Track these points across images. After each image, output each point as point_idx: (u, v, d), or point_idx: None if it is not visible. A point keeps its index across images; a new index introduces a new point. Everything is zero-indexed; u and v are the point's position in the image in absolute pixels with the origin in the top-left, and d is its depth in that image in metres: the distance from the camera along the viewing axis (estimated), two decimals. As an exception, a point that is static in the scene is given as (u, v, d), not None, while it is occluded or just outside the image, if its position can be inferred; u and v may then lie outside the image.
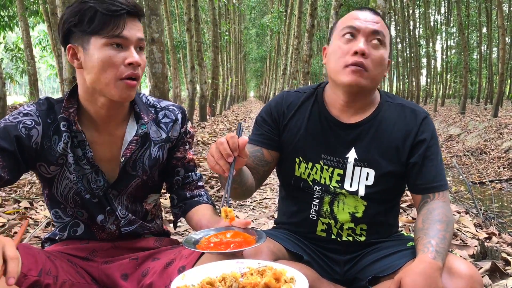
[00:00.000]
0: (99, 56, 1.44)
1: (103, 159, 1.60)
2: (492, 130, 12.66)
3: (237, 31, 32.78)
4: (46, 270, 1.45)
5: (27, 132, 1.50)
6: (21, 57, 16.05)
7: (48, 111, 1.55)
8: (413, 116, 1.71)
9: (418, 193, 1.68)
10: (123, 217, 1.65)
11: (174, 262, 1.56)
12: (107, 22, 1.43)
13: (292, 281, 1.18)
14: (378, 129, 1.70)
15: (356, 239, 1.74)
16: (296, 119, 1.77)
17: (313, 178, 1.74)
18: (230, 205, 1.44)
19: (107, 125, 1.59)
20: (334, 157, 1.72)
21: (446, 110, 24.13)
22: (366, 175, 1.69)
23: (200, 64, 13.30)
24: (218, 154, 1.41)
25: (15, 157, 1.48)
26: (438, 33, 35.83)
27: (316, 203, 1.74)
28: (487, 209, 4.91)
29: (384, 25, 1.68)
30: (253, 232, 1.43)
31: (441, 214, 1.57)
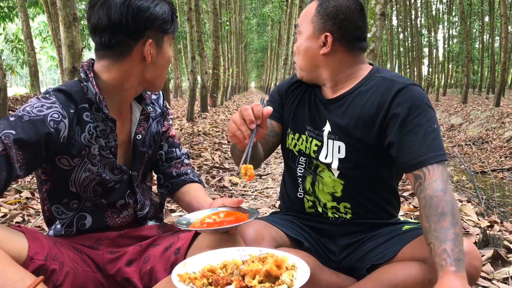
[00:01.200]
0: (169, 54, 1.58)
1: (121, 144, 1.62)
2: (494, 119, 12.62)
3: (238, 21, 32.62)
4: (53, 255, 1.45)
5: (56, 126, 1.42)
6: (21, 48, 16.00)
7: (69, 101, 1.49)
8: (388, 88, 1.62)
9: (407, 172, 1.53)
10: (140, 200, 1.69)
11: (172, 246, 1.57)
12: (175, 23, 1.56)
13: (293, 268, 1.18)
14: (352, 103, 1.70)
15: (342, 216, 1.75)
16: (294, 94, 1.89)
17: (298, 149, 1.82)
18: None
19: (124, 112, 1.63)
20: (314, 129, 1.78)
21: (447, 99, 24.06)
22: (338, 148, 1.70)
23: (200, 55, 13.25)
24: (241, 120, 1.45)
25: (38, 154, 1.40)
26: (440, 22, 35.65)
27: (300, 181, 1.81)
28: (489, 198, 4.91)
29: (305, 12, 1.77)
30: (245, 211, 1.46)
31: (440, 203, 1.39)
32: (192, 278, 1.14)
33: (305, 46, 1.76)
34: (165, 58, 1.56)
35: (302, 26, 1.76)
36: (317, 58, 1.74)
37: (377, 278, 1.51)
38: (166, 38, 1.53)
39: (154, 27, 1.48)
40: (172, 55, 1.69)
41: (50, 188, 1.60)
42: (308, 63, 1.78)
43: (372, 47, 4.96)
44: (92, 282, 1.56)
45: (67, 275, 1.47)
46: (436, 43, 33.96)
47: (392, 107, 1.58)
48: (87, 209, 1.63)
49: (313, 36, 1.72)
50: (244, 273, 1.14)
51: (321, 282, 1.62)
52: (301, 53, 1.77)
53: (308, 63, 1.78)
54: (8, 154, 1.33)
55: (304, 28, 1.75)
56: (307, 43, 1.75)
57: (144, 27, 1.46)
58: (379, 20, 4.93)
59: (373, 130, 1.63)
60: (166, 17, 1.50)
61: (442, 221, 1.36)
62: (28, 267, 1.34)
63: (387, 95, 1.60)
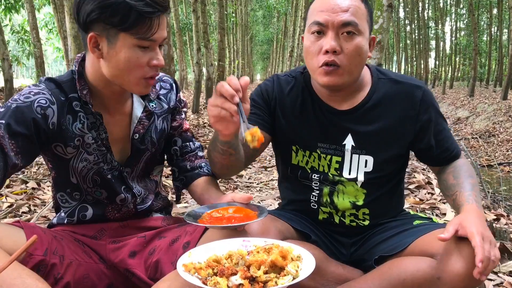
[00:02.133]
0: (127, 55, 1.40)
1: (116, 139, 1.59)
2: (501, 112, 12.54)
3: (244, 13, 32.51)
4: (52, 249, 1.45)
5: (43, 112, 1.43)
6: (27, 39, 16.00)
7: (58, 90, 1.50)
8: (410, 94, 1.64)
9: (441, 166, 1.72)
10: (139, 194, 1.66)
11: (180, 239, 1.57)
12: (141, 23, 1.37)
13: (299, 259, 1.18)
14: (374, 113, 1.64)
15: (360, 223, 1.73)
16: (288, 104, 1.71)
17: (311, 166, 1.70)
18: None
19: (116, 105, 1.58)
20: (331, 145, 1.67)
21: (454, 92, 23.93)
22: (365, 162, 1.65)
23: (206, 46, 13.21)
24: (221, 99, 1.31)
25: (30, 141, 1.42)
26: (448, 14, 35.36)
27: (316, 193, 1.72)
28: (495, 192, 4.89)
29: (356, 8, 1.53)
30: (255, 208, 1.44)
31: (469, 170, 1.63)
32: (197, 268, 1.14)
33: (366, 49, 1.57)
34: (119, 58, 1.41)
35: (361, 25, 1.54)
36: (365, 62, 1.62)
37: (386, 271, 1.49)
38: (122, 37, 1.38)
39: (99, 20, 1.38)
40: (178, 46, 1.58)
41: (55, 176, 1.62)
42: (361, 67, 1.61)
43: (379, 39, 4.93)
44: (95, 274, 1.56)
45: (68, 268, 1.47)
46: (443, 35, 33.76)
47: (421, 114, 1.64)
48: (89, 201, 1.63)
49: (367, 38, 1.58)
50: (249, 263, 1.14)
51: (328, 274, 1.60)
52: (359, 56, 1.54)
53: (361, 68, 1.61)
54: (1, 143, 1.35)
55: (364, 28, 1.55)
56: (366, 45, 1.58)
57: (86, 19, 1.40)
58: (386, 11, 4.90)
59: (404, 139, 1.66)
60: (108, 12, 1.35)
61: (469, 179, 1.58)
62: (28, 263, 1.35)
63: (413, 104, 1.64)
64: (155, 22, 1.38)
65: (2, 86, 10.53)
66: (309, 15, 1.60)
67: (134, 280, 1.59)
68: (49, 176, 3.77)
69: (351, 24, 1.51)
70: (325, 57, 1.52)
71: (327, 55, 1.52)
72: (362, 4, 1.56)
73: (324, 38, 1.53)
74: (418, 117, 1.63)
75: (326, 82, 1.54)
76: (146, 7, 1.35)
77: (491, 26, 27.43)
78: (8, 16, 14.29)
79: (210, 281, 1.08)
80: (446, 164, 1.70)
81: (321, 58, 1.53)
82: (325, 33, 1.53)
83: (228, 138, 1.43)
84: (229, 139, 1.44)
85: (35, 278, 1.24)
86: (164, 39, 1.47)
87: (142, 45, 1.40)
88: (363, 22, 1.55)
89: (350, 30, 1.51)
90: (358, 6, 1.54)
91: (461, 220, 1.36)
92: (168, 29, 5.51)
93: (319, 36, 1.54)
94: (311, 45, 1.56)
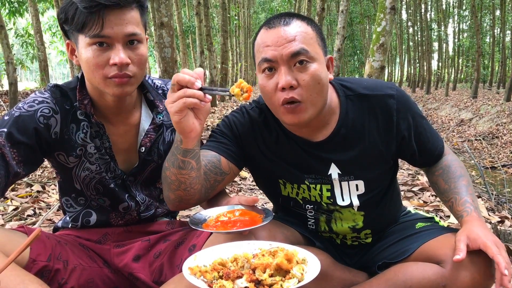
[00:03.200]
0: (86, 55, 1.36)
1: (120, 148, 1.58)
2: (505, 114, 12.50)
3: (246, 16, 32.54)
4: (56, 255, 1.45)
5: (46, 121, 1.43)
6: (31, 43, 16.08)
7: (64, 98, 1.49)
8: (383, 106, 1.53)
9: (426, 167, 1.71)
10: (142, 202, 1.65)
11: (185, 242, 1.57)
12: (86, 20, 1.31)
13: (304, 262, 1.18)
14: (351, 137, 1.55)
15: (362, 242, 1.72)
16: (263, 141, 1.61)
17: (302, 197, 1.64)
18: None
19: (118, 115, 1.55)
20: (317, 175, 1.58)
21: (457, 94, 23.87)
22: (356, 186, 1.59)
23: (209, 49, 13.24)
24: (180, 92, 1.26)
25: (32, 150, 1.42)
26: (450, 16, 35.31)
27: (312, 222, 1.68)
28: (499, 194, 4.87)
29: (303, 34, 1.41)
30: (260, 211, 1.44)
31: (458, 168, 1.61)
32: (203, 271, 1.14)
33: (325, 74, 1.45)
34: (82, 60, 1.38)
35: (312, 50, 1.41)
36: (327, 87, 1.48)
37: (392, 277, 1.48)
38: (80, 38, 1.36)
39: (65, 26, 1.38)
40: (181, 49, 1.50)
41: (61, 181, 1.63)
42: (324, 95, 1.47)
43: (382, 41, 4.93)
44: (100, 278, 1.56)
45: (73, 273, 1.48)
46: (446, 37, 33.70)
47: (399, 122, 1.54)
48: (93, 207, 1.63)
49: (323, 61, 1.46)
50: (254, 266, 1.14)
51: (334, 279, 1.59)
52: (319, 84, 1.41)
53: (324, 96, 1.47)
54: (2, 152, 1.35)
55: (316, 53, 1.43)
56: (324, 69, 1.45)
57: (60, 24, 1.41)
58: (389, 14, 4.90)
59: (388, 153, 1.58)
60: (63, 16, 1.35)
61: (461, 181, 1.56)
62: (31, 269, 1.35)
63: (388, 115, 1.53)
64: (104, 17, 1.32)
65: (6, 89, 10.58)
66: (255, 52, 1.49)
67: (139, 284, 1.60)
68: (54, 179, 3.79)
69: (301, 53, 1.39)
70: (283, 94, 1.40)
71: (284, 92, 1.40)
72: (308, 27, 1.44)
73: (277, 74, 1.41)
74: (398, 127, 1.54)
75: (291, 121, 1.44)
76: (87, 2, 1.30)
77: (494, 28, 27.33)
78: (12, 20, 14.36)
79: (216, 284, 1.08)
80: (431, 165, 1.67)
81: (280, 96, 1.40)
82: (277, 69, 1.41)
83: (192, 144, 1.36)
84: (192, 145, 1.37)
85: (38, 284, 1.24)
86: (130, 35, 1.37)
87: (94, 42, 1.34)
88: (315, 47, 1.43)
89: (302, 59, 1.39)
90: (304, 31, 1.42)
91: (468, 234, 1.35)
92: (171, 32, 5.53)
93: (271, 73, 1.42)
94: (266, 84, 1.44)
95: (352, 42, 26.17)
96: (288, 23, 1.42)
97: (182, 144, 1.36)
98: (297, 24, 1.42)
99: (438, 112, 18.32)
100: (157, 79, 1.70)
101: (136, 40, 1.39)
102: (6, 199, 3.29)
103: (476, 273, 1.33)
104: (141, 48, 1.41)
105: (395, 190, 1.75)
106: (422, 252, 1.50)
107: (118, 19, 1.34)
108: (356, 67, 27.05)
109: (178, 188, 1.43)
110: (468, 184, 1.56)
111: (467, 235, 1.34)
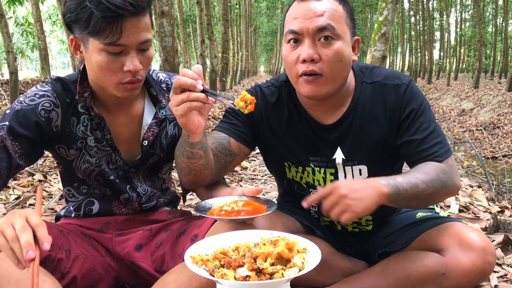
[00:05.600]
0: (97, 59, 1.36)
1: (122, 139, 1.59)
2: (506, 104, 12.47)
3: (247, 4, 32.34)
4: (58, 244, 1.46)
5: (47, 115, 1.45)
6: (31, 31, 16.01)
7: (65, 91, 1.51)
8: (393, 94, 1.54)
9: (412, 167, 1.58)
10: (144, 193, 1.66)
11: (186, 231, 1.58)
12: (102, 28, 1.30)
13: (305, 251, 1.19)
14: (359, 123, 1.56)
15: (363, 229, 1.73)
16: (275, 119, 1.64)
17: (306, 181, 1.66)
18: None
19: (120, 106, 1.57)
20: (322, 158, 1.61)
21: (459, 84, 23.78)
22: (359, 171, 1.60)
23: (210, 38, 13.18)
24: (184, 94, 1.29)
25: (34, 143, 1.44)
26: (453, 5, 35.09)
27: (314, 205, 1.68)
28: (500, 184, 4.88)
29: (332, 11, 1.44)
30: (264, 202, 1.45)
31: (433, 169, 1.43)
32: (204, 260, 1.15)
33: (348, 53, 1.48)
34: (91, 62, 1.39)
35: (339, 28, 1.44)
36: (349, 67, 1.52)
37: (391, 266, 1.50)
38: (91, 41, 1.35)
39: (73, 24, 1.37)
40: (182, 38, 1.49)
41: (62, 171, 1.64)
42: (345, 73, 1.51)
43: (384, 31, 4.91)
44: (102, 267, 1.58)
45: (75, 262, 1.49)
46: (448, 26, 33.52)
47: (402, 109, 1.54)
48: (96, 196, 1.65)
49: (349, 41, 1.49)
50: (256, 255, 1.15)
51: (334, 268, 1.61)
52: (341, 61, 1.45)
53: (345, 74, 1.51)
54: (5, 145, 1.38)
55: (343, 31, 1.46)
56: (349, 49, 1.49)
57: (67, 21, 1.39)
58: (391, 3, 4.87)
59: (393, 142, 1.57)
60: (73, 16, 1.33)
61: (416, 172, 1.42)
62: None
63: (396, 102, 1.53)
64: (119, 26, 1.31)
65: (7, 78, 10.56)
66: (285, 24, 1.52)
67: (141, 273, 1.61)
68: (56, 168, 3.80)
69: (327, 29, 1.42)
70: (303, 66, 1.44)
71: (305, 64, 1.43)
72: (340, 6, 1.47)
73: (301, 46, 1.45)
74: (401, 111, 1.54)
75: (309, 93, 1.46)
76: (105, 11, 1.27)
77: (497, 17, 27.15)
78: (12, 9, 14.28)
79: (218, 273, 1.09)
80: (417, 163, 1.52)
81: (300, 68, 1.45)
82: (302, 41, 1.45)
83: (198, 138, 1.40)
84: (199, 138, 1.40)
85: (43, 273, 1.26)
86: (144, 43, 1.38)
87: (111, 50, 1.34)
88: (342, 25, 1.46)
89: (327, 35, 1.42)
90: (334, 9, 1.45)
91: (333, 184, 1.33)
92: (172, 21, 5.50)
93: (295, 45, 1.46)
94: (289, 55, 1.48)
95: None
96: None
97: (190, 138, 1.40)
98: (329, 1, 1.46)
99: (439, 102, 18.29)
100: (161, 72, 1.70)
101: (148, 45, 1.41)
102: (8, 188, 3.31)
103: (476, 260, 1.34)
104: (150, 50, 1.44)
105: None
106: (422, 241, 1.52)
107: (134, 27, 1.34)
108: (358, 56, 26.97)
109: (189, 174, 1.51)
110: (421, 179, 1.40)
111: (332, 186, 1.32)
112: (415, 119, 1.53)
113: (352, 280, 1.55)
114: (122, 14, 1.29)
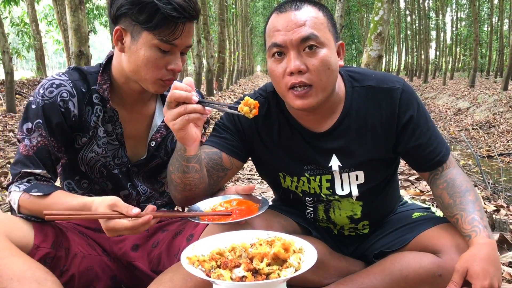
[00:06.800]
0: (146, 53, 1.43)
1: (130, 136, 1.63)
2: (502, 103, 12.52)
3: (244, 4, 32.34)
4: (59, 242, 1.47)
5: (65, 105, 1.50)
6: (27, 31, 15.95)
7: (82, 81, 1.55)
8: (388, 99, 1.52)
9: (425, 171, 1.60)
10: (144, 192, 1.68)
11: (182, 231, 1.59)
12: (165, 26, 1.39)
13: (301, 251, 1.19)
14: (354, 129, 1.54)
15: (359, 233, 1.73)
16: (266, 131, 1.62)
17: (301, 190, 1.65)
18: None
19: (136, 103, 1.61)
20: (317, 166, 1.59)
21: (455, 83, 23.83)
22: (356, 177, 1.59)
23: (206, 38, 13.18)
24: (180, 107, 1.30)
25: (65, 133, 1.51)
26: (448, 4, 35.15)
27: (310, 211, 1.69)
28: (495, 183, 4.89)
29: (313, 19, 1.41)
30: (257, 200, 1.45)
31: (464, 182, 1.49)
32: (200, 260, 1.15)
33: (335, 59, 1.45)
34: (139, 55, 1.44)
35: (323, 36, 1.42)
36: (337, 73, 1.49)
37: (388, 266, 1.50)
38: (145, 35, 1.41)
39: (127, 16, 1.42)
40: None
41: (66, 162, 1.65)
42: (334, 80, 1.47)
43: (380, 31, 4.92)
44: (99, 266, 1.58)
45: (73, 260, 1.50)
46: (444, 26, 33.55)
47: (401, 115, 1.53)
48: (95, 191, 1.65)
49: (333, 47, 1.46)
50: (252, 256, 1.15)
51: (330, 268, 1.61)
52: (328, 69, 1.42)
53: (334, 81, 1.47)
54: (45, 144, 1.47)
55: (326, 38, 1.43)
56: (334, 55, 1.46)
57: (116, 12, 1.45)
58: (386, 3, 4.88)
59: (388, 146, 1.57)
60: (135, 9, 1.39)
61: (467, 196, 1.45)
62: (35, 255, 1.38)
63: (392, 107, 1.52)
64: (180, 27, 1.41)
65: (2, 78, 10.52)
66: (266, 37, 1.49)
67: (137, 273, 1.61)
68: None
69: (311, 38, 1.39)
70: (292, 79, 1.41)
71: (293, 76, 1.41)
72: (319, 13, 1.45)
73: (286, 58, 1.42)
74: (398, 120, 1.52)
75: (300, 106, 1.44)
76: (172, 11, 1.37)
77: (492, 16, 27.22)
78: (8, 9, 14.23)
79: (214, 273, 1.10)
80: (431, 169, 1.57)
81: (288, 80, 1.42)
82: (286, 54, 1.42)
83: (194, 151, 1.41)
84: (195, 151, 1.42)
85: (44, 271, 1.28)
86: (188, 47, 1.48)
87: (163, 47, 1.42)
88: (325, 32, 1.43)
89: (311, 44, 1.40)
90: (315, 17, 1.42)
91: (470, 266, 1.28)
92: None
93: (280, 58, 1.43)
94: (275, 69, 1.44)
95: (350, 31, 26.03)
96: (299, 8, 1.43)
97: (186, 152, 1.41)
98: (308, 9, 1.43)
99: (435, 101, 18.33)
100: None
101: (188, 50, 1.52)
102: (5, 190, 3.29)
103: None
104: (185, 56, 1.55)
105: (394, 182, 1.75)
106: (418, 241, 1.52)
107: (187, 32, 1.45)
108: (354, 56, 26.94)
109: (184, 190, 1.48)
110: (475, 199, 1.44)
111: (468, 268, 1.28)
112: (417, 123, 1.53)
113: (349, 280, 1.55)
114: (186, 17, 1.40)
